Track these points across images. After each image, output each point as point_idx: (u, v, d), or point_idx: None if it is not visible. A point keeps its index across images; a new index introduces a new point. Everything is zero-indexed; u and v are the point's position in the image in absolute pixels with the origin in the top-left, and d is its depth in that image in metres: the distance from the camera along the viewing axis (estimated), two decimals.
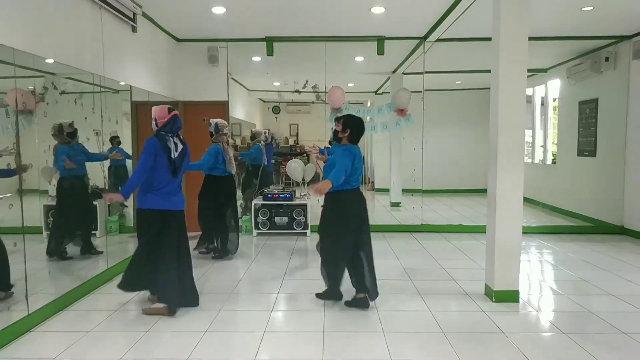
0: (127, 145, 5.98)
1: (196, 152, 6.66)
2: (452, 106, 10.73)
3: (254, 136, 7.80)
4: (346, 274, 3.90)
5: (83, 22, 4.22)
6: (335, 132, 3.96)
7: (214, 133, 5.34)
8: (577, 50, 7.34)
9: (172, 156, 3.63)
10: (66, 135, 4.56)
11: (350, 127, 3.81)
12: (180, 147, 3.71)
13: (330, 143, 8.46)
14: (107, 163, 5.32)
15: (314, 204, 7.33)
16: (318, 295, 3.99)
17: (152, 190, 3.62)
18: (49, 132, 4.49)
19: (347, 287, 3.91)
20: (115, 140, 5.49)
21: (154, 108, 3.74)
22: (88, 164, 4.90)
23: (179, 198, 3.76)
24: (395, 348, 3.03)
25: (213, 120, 5.35)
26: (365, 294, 3.75)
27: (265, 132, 8.00)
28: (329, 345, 3.09)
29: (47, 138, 4.48)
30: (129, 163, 5.88)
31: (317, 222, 6.89)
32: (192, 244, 6.22)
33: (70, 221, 4.84)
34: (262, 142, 7.61)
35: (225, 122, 5.42)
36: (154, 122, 3.71)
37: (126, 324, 3.52)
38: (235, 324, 3.47)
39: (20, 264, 3.44)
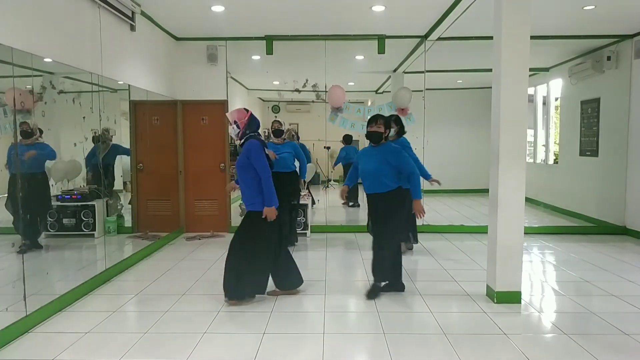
0: (125, 144, 5.95)
1: (197, 152, 6.70)
2: (454, 105, 10.69)
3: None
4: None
5: (81, 21, 4.20)
6: (376, 134, 3.88)
7: (284, 131, 5.67)
8: (579, 50, 7.31)
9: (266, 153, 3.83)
10: (19, 133, 4.30)
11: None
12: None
13: (345, 142, 8.48)
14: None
15: (314, 204, 7.31)
16: (370, 296, 3.97)
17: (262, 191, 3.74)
18: (48, 132, 4.47)
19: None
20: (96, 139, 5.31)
21: (229, 113, 3.81)
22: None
23: None
24: (396, 349, 3.00)
25: (283, 122, 5.66)
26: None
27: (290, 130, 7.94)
28: (329, 346, 3.06)
29: (45, 137, 4.46)
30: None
31: (317, 223, 6.87)
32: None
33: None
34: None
35: None
36: (234, 126, 3.76)
37: (125, 325, 3.50)
38: (234, 325, 3.44)
39: (19, 265, 3.42)
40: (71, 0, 4.04)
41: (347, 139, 8.77)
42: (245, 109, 3.87)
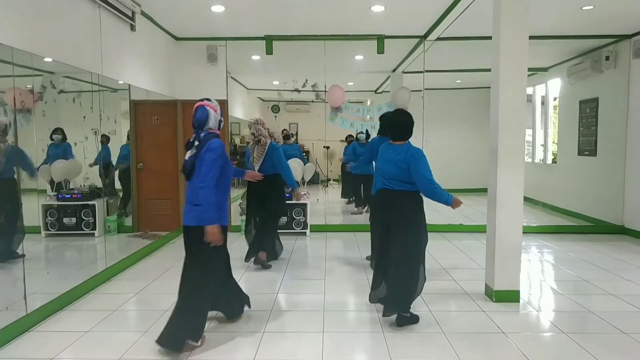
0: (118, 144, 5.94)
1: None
2: (453, 105, 10.71)
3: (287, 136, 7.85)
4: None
5: (82, 20, 4.21)
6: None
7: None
8: (578, 50, 7.33)
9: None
10: None
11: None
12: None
13: (349, 141, 8.51)
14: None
15: (314, 203, 7.33)
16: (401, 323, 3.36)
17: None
18: (48, 131, 4.48)
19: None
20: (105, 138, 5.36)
21: (211, 102, 3.17)
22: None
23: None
24: (395, 348, 3.02)
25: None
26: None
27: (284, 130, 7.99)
28: (329, 345, 3.08)
29: (46, 137, 4.47)
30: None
31: (316, 222, 6.84)
32: None
33: None
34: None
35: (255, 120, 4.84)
36: (218, 113, 3.16)
37: (125, 324, 3.51)
38: (234, 324, 3.45)
39: (19, 264, 3.43)
40: (72, 0, 4.05)
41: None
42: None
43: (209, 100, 3.16)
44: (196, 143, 3.02)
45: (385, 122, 3.87)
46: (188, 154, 3.04)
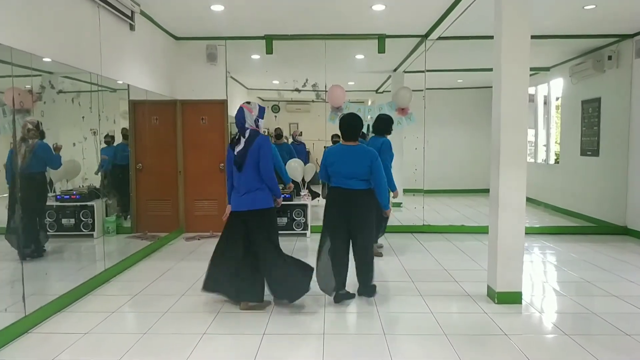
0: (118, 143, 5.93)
1: (197, 152, 6.69)
2: (454, 105, 10.68)
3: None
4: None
5: (81, 20, 4.19)
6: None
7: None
8: (580, 49, 7.30)
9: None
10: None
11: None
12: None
13: (334, 141, 8.42)
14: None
15: (314, 204, 7.30)
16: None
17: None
18: (47, 131, 4.46)
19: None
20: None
21: (246, 107, 3.64)
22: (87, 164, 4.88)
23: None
24: (397, 350, 2.99)
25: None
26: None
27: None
28: (330, 347, 3.05)
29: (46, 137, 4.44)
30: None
31: (317, 223, 6.80)
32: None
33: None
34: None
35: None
36: (256, 118, 3.66)
37: (124, 325, 3.49)
38: (234, 326, 3.43)
39: (17, 265, 3.41)
40: (70, 0, 4.03)
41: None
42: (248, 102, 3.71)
43: (248, 103, 3.69)
44: (242, 139, 3.59)
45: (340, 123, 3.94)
46: (237, 149, 3.59)
